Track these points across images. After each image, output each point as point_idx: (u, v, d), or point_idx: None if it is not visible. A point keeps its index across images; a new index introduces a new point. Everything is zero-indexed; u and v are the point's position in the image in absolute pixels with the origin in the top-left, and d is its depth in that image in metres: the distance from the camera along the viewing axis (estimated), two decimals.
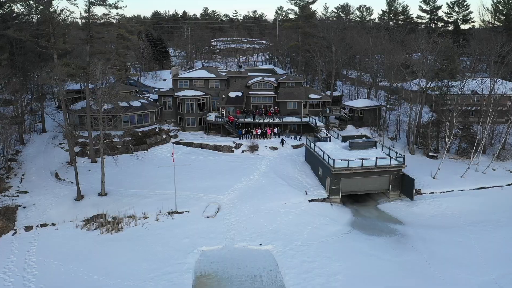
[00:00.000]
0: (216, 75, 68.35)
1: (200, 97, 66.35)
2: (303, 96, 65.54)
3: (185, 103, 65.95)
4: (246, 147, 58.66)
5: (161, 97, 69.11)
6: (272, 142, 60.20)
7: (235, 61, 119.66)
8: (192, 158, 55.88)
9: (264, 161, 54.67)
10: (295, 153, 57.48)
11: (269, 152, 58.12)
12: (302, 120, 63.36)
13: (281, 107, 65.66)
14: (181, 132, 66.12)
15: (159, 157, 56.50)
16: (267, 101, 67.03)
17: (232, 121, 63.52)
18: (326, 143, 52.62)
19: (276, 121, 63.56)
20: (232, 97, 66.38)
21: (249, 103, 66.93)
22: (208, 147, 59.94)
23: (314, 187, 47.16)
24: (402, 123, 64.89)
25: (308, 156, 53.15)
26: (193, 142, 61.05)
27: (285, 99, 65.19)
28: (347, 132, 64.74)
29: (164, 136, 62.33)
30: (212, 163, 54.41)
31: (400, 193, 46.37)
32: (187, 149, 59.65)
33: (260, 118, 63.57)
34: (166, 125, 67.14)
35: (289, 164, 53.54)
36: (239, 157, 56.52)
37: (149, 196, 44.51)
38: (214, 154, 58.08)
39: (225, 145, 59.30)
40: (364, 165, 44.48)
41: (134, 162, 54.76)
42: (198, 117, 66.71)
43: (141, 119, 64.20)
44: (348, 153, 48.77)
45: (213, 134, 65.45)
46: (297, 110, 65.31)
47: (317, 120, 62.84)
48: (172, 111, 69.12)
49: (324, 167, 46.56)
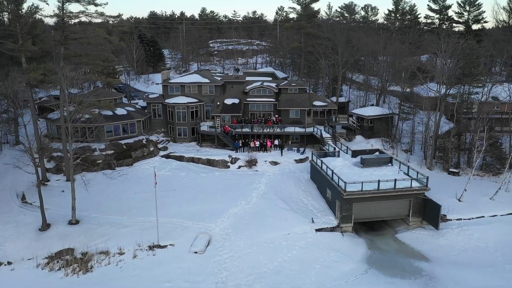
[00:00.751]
0: (210, 80, 61.82)
1: (192, 105, 59.81)
2: (306, 104, 59.00)
3: (176, 111, 59.40)
4: (243, 162, 52.07)
5: (150, 104, 62.58)
6: (272, 155, 53.61)
7: (233, 63, 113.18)
8: (182, 175, 49.26)
9: (264, 179, 48.07)
10: (298, 169, 50.88)
11: (269, 167, 51.53)
12: (306, 130, 56.80)
13: (283, 115, 59.12)
14: (172, 144, 59.54)
15: (144, 174, 49.88)
16: (267, 109, 60.48)
17: (228, 132, 56.97)
18: (335, 158, 46.01)
19: (277, 132, 56.99)
20: (228, 104, 59.84)
21: (247, 111, 60.39)
22: (200, 162, 53.32)
23: (322, 212, 40.54)
24: (416, 134, 58.28)
25: (314, 174, 46.55)
26: (184, 155, 54.45)
27: (286, 107, 58.63)
28: (355, 143, 58.17)
29: (151, 149, 55.74)
30: (205, 181, 47.79)
31: (422, 220, 39.77)
32: (177, 163, 53.04)
33: (259, 128, 57.05)
34: (155, 135, 60.59)
35: (291, 182, 46.93)
36: (235, 174, 49.90)
37: (128, 224, 37.90)
38: (207, 170, 51.47)
39: (220, 160, 52.70)
40: (380, 188, 37.88)
41: (115, 180, 48.11)
42: (191, 126, 60.16)
43: (127, 129, 57.64)
44: (360, 172, 42.22)
45: (207, 145, 58.88)
46: (300, 119, 58.75)
47: (322, 130, 56.24)
48: (162, 119, 62.61)
49: (333, 189, 39.97)
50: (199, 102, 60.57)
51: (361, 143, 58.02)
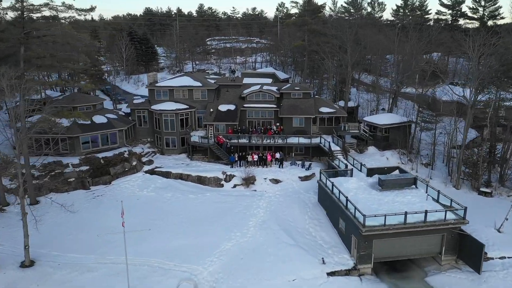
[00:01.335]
0: (202, 84, 54.45)
1: (182, 112, 52.46)
2: (312, 110, 51.63)
3: (163, 119, 52.06)
4: (240, 180, 44.76)
5: (135, 111, 55.22)
6: (273, 172, 46.25)
7: (231, 62, 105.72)
8: (167, 197, 41.93)
9: (263, 202, 40.78)
10: (303, 188, 43.55)
11: (269, 186, 44.21)
12: (311, 141, 49.44)
13: (285, 124, 51.77)
14: (159, 156, 52.22)
15: (123, 194, 42.52)
16: (267, 117, 53.12)
17: (222, 143, 49.64)
18: (347, 179, 38.67)
19: (278, 143, 49.67)
20: (223, 111, 52.47)
21: (244, 118, 53.03)
22: (190, 179, 45.98)
23: (334, 248, 33.24)
24: (437, 145, 50.91)
25: (323, 196, 39.23)
26: (171, 171, 47.11)
27: (289, 114, 51.25)
28: (368, 156, 50.83)
29: (134, 163, 48.38)
30: (193, 204, 40.48)
31: (458, 259, 32.42)
32: (162, 181, 45.70)
33: (258, 139, 49.73)
34: (140, 146, 53.27)
35: (296, 206, 39.63)
36: (230, 195, 42.58)
37: (95, 267, 30.60)
38: (197, 189, 44.15)
39: (212, 177, 45.35)
40: (408, 222, 30.57)
41: (87, 203, 40.84)
42: (180, 136, 52.84)
43: (107, 140, 50.33)
44: (379, 197, 34.93)
45: (199, 158, 51.58)
46: (304, 128, 51.41)
47: (331, 142, 48.88)
48: (148, 128, 55.28)
49: (348, 221, 32.64)
50: (189, 109, 53.25)
51: (374, 156, 50.69)
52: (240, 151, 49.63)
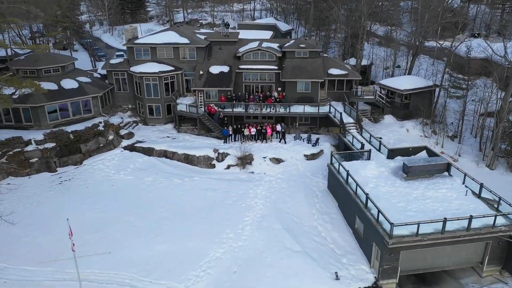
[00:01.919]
0: (190, 40, 45.93)
1: (167, 74, 44.47)
2: (320, 73, 43.61)
3: (144, 83, 44.20)
4: (234, 159, 37.82)
5: (112, 73, 47.16)
6: (274, 148, 39.17)
7: (227, 10, 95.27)
8: (147, 182, 35.18)
9: (262, 189, 34.12)
10: (310, 170, 36.72)
11: (269, 167, 37.36)
12: (319, 111, 41.96)
13: (288, 89, 43.97)
14: (141, 127, 44.95)
15: (96, 178, 35.88)
16: (267, 80, 45.16)
17: (214, 113, 42.19)
18: (365, 163, 31.69)
19: (280, 113, 42.23)
20: (215, 74, 44.46)
21: (240, 82, 45.12)
22: (176, 157, 39.04)
23: (349, 254, 26.93)
24: (467, 114, 43.40)
25: (334, 185, 32.44)
26: (154, 147, 40.04)
27: (293, 78, 43.29)
28: (384, 127, 43.56)
29: (110, 137, 41.20)
30: (178, 192, 33.80)
31: (502, 270, 26.20)
32: (143, 160, 38.79)
33: (256, 108, 42.25)
34: (120, 115, 45.84)
35: (301, 195, 32.97)
36: (223, 179, 35.82)
37: (49, 286, 24.44)
38: (184, 170, 37.32)
39: (202, 156, 38.36)
40: (447, 230, 23.99)
41: (52, 190, 34.17)
42: (166, 103, 45.25)
43: (79, 109, 42.93)
44: (405, 189, 28.23)
45: (187, 129, 44.33)
46: (310, 94, 43.66)
47: (342, 112, 41.40)
48: (129, 93, 47.56)
49: (368, 224, 26.06)
50: (175, 71, 45.20)
51: (392, 127, 43.40)
52: (235, 123, 42.37)
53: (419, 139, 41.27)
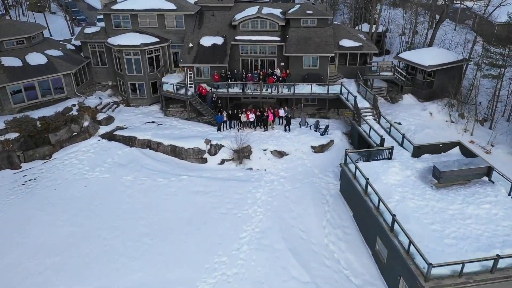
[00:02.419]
0: (177, 6, 38.98)
1: (151, 47, 37.98)
2: (330, 45, 37.08)
3: (124, 58, 37.81)
4: (229, 152, 32.19)
5: (87, 45, 40.58)
6: (276, 138, 33.41)
7: None
8: (126, 183, 29.74)
9: (262, 191, 28.77)
10: (318, 166, 31.20)
11: (270, 162, 31.83)
12: (329, 92, 35.84)
13: (292, 65, 37.62)
14: (122, 109, 39.04)
15: (66, 176, 30.43)
16: (268, 53, 38.70)
17: (206, 95, 36.14)
18: (386, 165, 26.15)
19: (283, 94, 36.18)
20: (206, 47, 37.93)
21: (236, 57, 38.70)
22: (161, 149, 33.39)
23: (368, 285, 21.94)
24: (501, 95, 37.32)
25: (349, 191, 27.00)
26: (137, 136, 34.28)
27: (298, 52, 36.81)
28: (404, 109, 37.63)
29: (86, 124, 35.36)
30: (162, 197, 28.44)
31: None
32: (123, 153, 33.17)
33: (255, 88, 36.17)
34: (98, 94, 39.81)
35: (309, 201, 27.66)
36: (215, 178, 30.36)
37: None
38: (171, 166, 31.81)
39: (192, 149, 32.66)
40: (498, 267, 18.83)
41: (13, 194, 28.76)
42: (150, 81, 39.07)
43: (49, 89, 36.89)
44: (438, 203, 22.99)
45: (176, 111, 38.48)
46: (318, 71, 37.38)
47: (355, 93, 35.35)
48: (108, 67, 41.24)
49: (394, 252, 20.85)
50: (161, 43, 38.66)
51: (412, 109, 37.45)
52: (231, 107, 36.45)
53: (444, 125, 35.47)
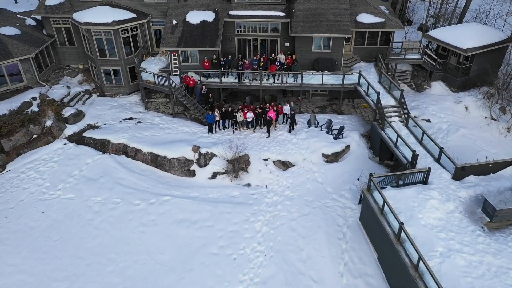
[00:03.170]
0: None
1: (126, 25, 30.94)
2: (346, 22, 30.04)
3: (94, 39, 30.89)
4: (223, 163, 26.18)
5: (50, 21, 33.42)
6: (279, 144, 27.31)
7: None
8: (95, 207, 23.97)
9: (263, 221, 23.14)
10: (331, 182, 25.31)
11: (272, 176, 25.95)
12: (343, 82, 29.27)
13: (299, 47, 30.75)
14: (96, 100, 32.63)
15: (20, 198, 24.65)
16: (269, 32, 31.68)
17: (194, 86, 29.61)
18: (422, 195, 20.36)
19: (288, 85, 29.65)
20: (194, 25, 30.85)
21: (231, 36, 31.72)
22: (139, 157, 27.36)
23: None
24: None
25: (372, 227, 21.28)
26: (111, 140, 28.15)
27: (306, 31, 29.81)
28: (433, 100, 31.27)
29: (49, 123, 29.12)
30: (138, 228, 22.79)
31: None
32: (94, 161, 27.19)
33: (254, 78, 29.61)
34: (66, 81, 33.29)
35: (322, 235, 22.05)
36: (206, 200, 24.57)
37: None
38: (151, 181, 25.95)
39: (176, 159, 26.63)
40: None
41: None
42: (128, 66, 32.37)
43: (2, 76, 30.34)
44: (492, 257, 17.69)
45: (159, 103, 32.15)
46: (331, 54, 30.63)
47: (377, 82, 28.89)
48: (77, 47, 34.37)
49: None
50: (138, 19, 31.57)
51: (443, 101, 31.08)
52: (224, 102, 30.06)
53: (483, 123, 29.30)
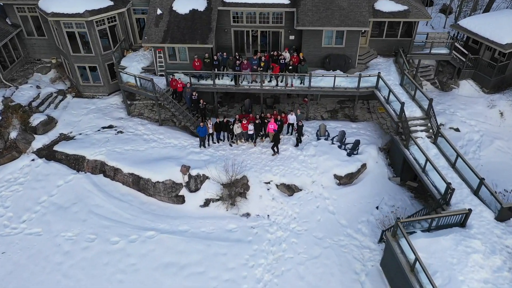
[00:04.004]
0: None
1: (101, 15, 26.08)
2: (363, 12, 25.16)
3: (64, 32, 26.15)
4: (217, 188, 22.11)
5: (13, 8, 28.43)
6: (283, 162, 23.11)
7: None
8: (65, 244, 20.02)
9: (264, 265, 19.31)
10: (345, 212, 21.29)
11: (275, 203, 21.94)
12: (359, 85, 24.72)
13: (306, 41, 26.01)
14: (71, 103, 28.26)
15: None
16: (271, 23, 26.82)
17: (183, 91, 25.12)
18: (461, 247, 16.47)
19: (294, 88, 25.16)
20: (182, 15, 25.95)
21: (226, 27, 26.90)
22: (120, 178, 23.21)
23: None
24: None
25: (397, 277, 17.54)
26: (86, 156, 23.96)
27: (315, 24, 24.99)
28: (461, 103, 27.01)
29: (13, 135, 24.84)
30: (115, 277, 18.98)
31: None
32: (66, 183, 23.12)
33: (254, 80, 25.11)
34: (36, 79, 28.83)
35: (336, 284, 18.34)
36: (196, 236, 20.60)
37: None
38: (132, 210, 21.94)
39: (162, 182, 22.46)
40: None
41: None
42: (106, 62, 27.75)
43: None
44: None
45: (144, 109, 27.78)
46: (344, 51, 25.98)
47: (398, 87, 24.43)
48: (48, 39, 29.60)
49: None
50: (116, 7, 26.68)
51: (473, 104, 26.76)
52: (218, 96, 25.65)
53: None
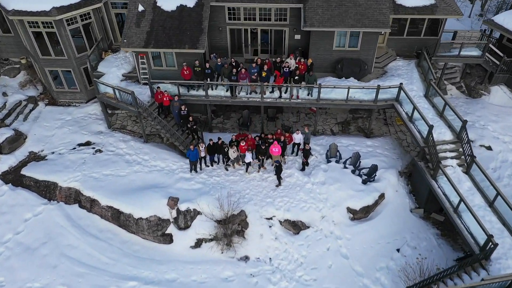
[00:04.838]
0: None
1: (73, 13, 22.08)
2: (383, 9, 21.13)
3: (29, 32, 22.24)
4: (210, 226, 18.85)
5: None
6: (287, 192, 19.75)
7: None
8: None
9: None
10: (361, 256, 18.04)
11: (279, 244, 18.71)
12: (376, 98, 20.99)
13: (315, 44, 22.07)
14: (43, 113, 24.71)
15: None
16: (273, 21, 22.77)
17: (170, 105, 21.41)
18: None
19: (300, 100, 21.45)
20: (168, 13, 21.88)
21: (221, 26, 22.90)
22: (98, 211, 19.94)
23: None
24: None
25: None
26: (58, 182, 20.56)
27: (326, 24, 20.98)
28: (492, 111, 23.62)
29: None
30: None
31: None
32: (36, 216, 19.86)
33: (254, 92, 21.40)
34: (3, 83, 25.05)
35: None
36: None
37: None
38: (111, 253, 18.75)
39: (146, 219, 19.16)
40: None
41: None
42: (81, 66, 23.94)
43: None
44: None
45: (127, 121, 24.18)
46: (360, 54, 22.10)
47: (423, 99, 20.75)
48: (15, 37, 25.64)
49: None
50: (90, 3, 22.62)
51: (509, 117, 23.15)
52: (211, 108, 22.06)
53: None
